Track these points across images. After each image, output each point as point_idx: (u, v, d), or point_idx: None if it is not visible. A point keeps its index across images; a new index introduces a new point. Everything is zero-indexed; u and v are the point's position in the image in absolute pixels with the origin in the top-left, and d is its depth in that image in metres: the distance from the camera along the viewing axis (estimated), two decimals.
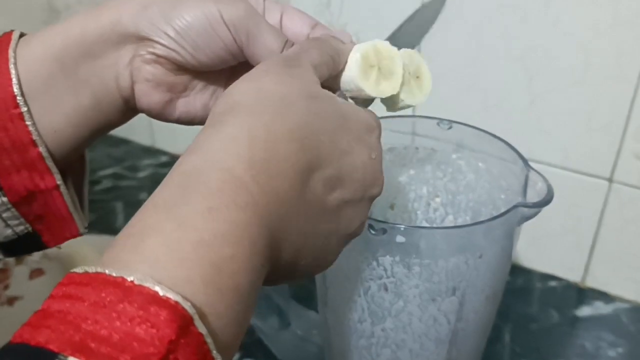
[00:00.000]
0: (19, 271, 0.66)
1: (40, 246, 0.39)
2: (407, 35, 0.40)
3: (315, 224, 0.29)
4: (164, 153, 0.92)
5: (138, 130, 0.94)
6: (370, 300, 0.44)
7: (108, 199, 0.82)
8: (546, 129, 0.62)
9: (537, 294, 0.67)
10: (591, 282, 0.67)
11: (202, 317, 0.22)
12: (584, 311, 0.65)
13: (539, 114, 0.62)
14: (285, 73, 0.30)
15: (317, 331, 0.55)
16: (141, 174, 0.88)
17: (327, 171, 0.29)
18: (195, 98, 0.38)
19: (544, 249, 0.68)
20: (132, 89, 0.36)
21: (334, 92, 0.33)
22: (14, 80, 0.33)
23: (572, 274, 0.68)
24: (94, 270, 0.22)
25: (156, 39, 0.34)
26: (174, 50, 0.34)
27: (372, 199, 0.33)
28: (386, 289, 0.43)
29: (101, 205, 0.80)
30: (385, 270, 0.42)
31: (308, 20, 0.37)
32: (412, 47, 0.40)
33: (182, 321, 0.21)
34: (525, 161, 0.45)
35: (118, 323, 0.21)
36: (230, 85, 0.30)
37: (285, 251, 0.28)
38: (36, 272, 0.67)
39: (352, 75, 0.34)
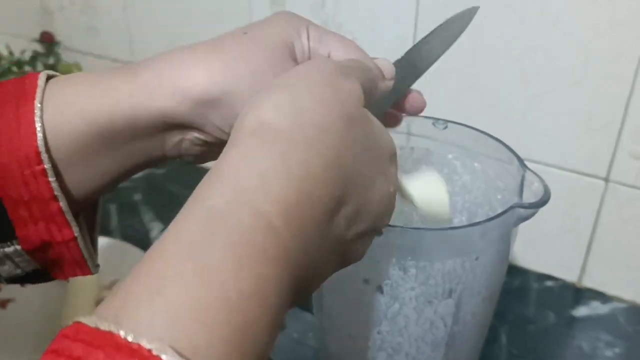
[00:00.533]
0: None
1: (47, 279, 0.37)
2: (431, 48, 0.39)
3: (328, 258, 0.28)
4: None
5: None
6: (366, 303, 0.43)
7: None
8: (543, 129, 0.62)
9: (534, 294, 0.66)
10: (588, 282, 0.67)
11: None
12: (581, 311, 0.65)
13: (536, 114, 0.62)
14: (327, 87, 0.28)
15: (312, 334, 0.55)
16: (135, 175, 0.87)
17: (350, 207, 0.28)
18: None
19: (540, 249, 0.68)
20: (178, 157, 0.36)
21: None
22: (40, 135, 0.31)
23: (569, 274, 0.68)
24: (106, 328, 0.20)
25: (205, 129, 0.34)
26: (219, 137, 0.34)
27: (381, 229, 0.32)
28: (382, 292, 0.42)
29: None
30: (380, 272, 0.41)
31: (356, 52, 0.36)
32: (434, 60, 0.41)
33: None
34: (521, 161, 0.45)
35: None
36: (261, 90, 0.28)
37: (301, 291, 0.26)
38: None
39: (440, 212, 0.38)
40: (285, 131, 0.26)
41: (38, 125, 0.31)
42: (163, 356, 0.19)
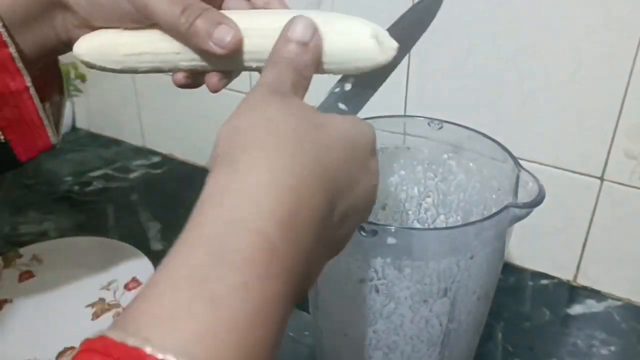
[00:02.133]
0: (8, 274, 0.66)
1: (13, 161, 0.40)
2: (403, 33, 0.39)
3: (320, 256, 0.29)
4: (155, 153, 0.91)
5: (128, 130, 0.93)
6: (362, 303, 0.43)
7: (99, 201, 0.81)
8: (538, 128, 0.62)
9: (529, 293, 0.67)
10: (583, 280, 0.67)
11: None
12: (576, 309, 0.65)
13: (530, 114, 0.62)
14: (281, 102, 0.29)
15: (309, 333, 0.55)
16: (132, 175, 0.87)
17: (342, 207, 0.29)
18: None
19: (535, 247, 0.68)
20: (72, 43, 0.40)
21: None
22: None
23: (564, 272, 0.68)
24: (133, 344, 0.21)
25: (74, 8, 0.38)
26: (89, 18, 0.38)
27: (365, 219, 0.33)
28: (377, 291, 0.42)
29: (92, 206, 0.80)
30: (376, 272, 0.42)
31: None
32: (409, 48, 0.40)
33: None
34: (516, 161, 0.45)
35: None
36: (232, 116, 0.28)
37: (299, 293, 0.27)
38: (25, 275, 0.66)
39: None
40: (268, 142, 0.26)
41: None
42: None
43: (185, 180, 0.84)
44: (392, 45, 0.34)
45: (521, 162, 0.45)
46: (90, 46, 0.39)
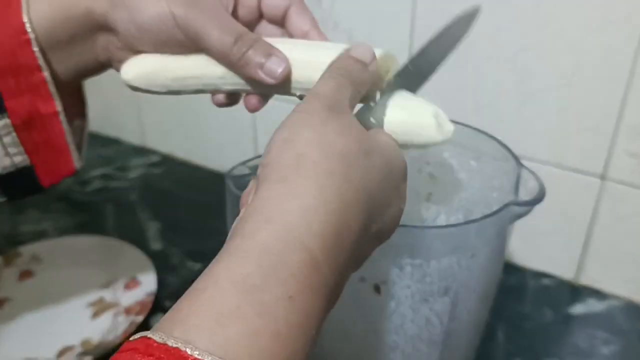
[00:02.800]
0: (8, 273, 0.66)
1: (36, 186, 0.41)
2: (433, 54, 0.39)
3: (351, 271, 0.30)
4: (155, 152, 0.91)
5: (128, 129, 0.93)
6: (362, 302, 0.43)
7: (98, 200, 0.81)
8: (538, 128, 0.62)
9: (531, 292, 0.67)
10: (584, 280, 0.67)
11: None
12: (578, 309, 0.65)
13: (531, 113, 0.62)
14: (339, 123, 0.29)
15: None
16: (131, 174, 0.87)
17: (375, 227, 0.30)
18: None
19: (537, 246, 0.68)
20: (111, 64, 0.40)
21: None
22: (24, 9, 0.37)
23: (565, 272, 0.68)
24: (174, 345, 0.22)
25: (122, 32, 0.38)
26: (136, 45, 0.38)
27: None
28: (378, 290, 0.42)
29: (91, 206, 0.80)
30: (376, 271, 0.42)
31: (310, 19, 0.38)
32: (439, 64, 0.41)
33: None
34: (517, 159, 0.45)
35: None
36: (286, 127, 0.29)
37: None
38: (25, 274, 0.66)
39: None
40: (321, 164, 0.27)
41: (23, 2, 0.37)
42: None
43: (185, 179, 0.84)
44: (450, 128, 0.36)
45: (522, 161, 0.45)
46: (139, 72, 0.39)
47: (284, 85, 0.36)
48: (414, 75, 0.39)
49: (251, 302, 0.23)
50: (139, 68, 0.39)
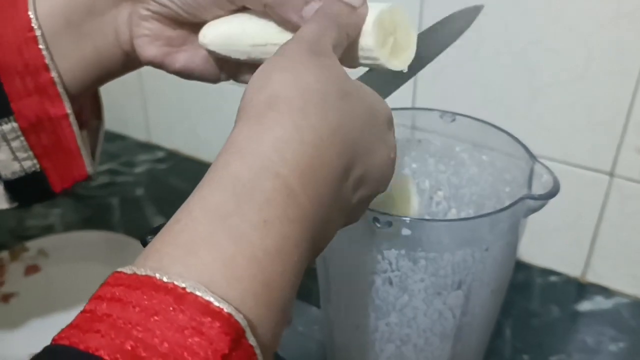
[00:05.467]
0: (14, 268, 0.66)
1: (47, 191, 0.38)
2: (435, 39, 0.39)
3: (335, 220, 0.29)
4: (160, 148, 0.91)
5: (134, 125, 0.93)
6: (375, 295, 0.43)
7: (104, 195, 0.81)
8: (547, 123, 0.62)
9: (538, 289, 0.66)
10: (592, 277, 0.67)
11: (252, 329, 0.22)
12: (585, 306, 0.65)
13: (540, 109, 0.62)
14: (317, 65, 0.29)
15: (318, 327, 0.55)
16: (137, 170, 0.87)
17: (357, 171, 0.29)
18: (195, 53, 0.39)
19: (544, 244, 0.68)
20: (132, 43, 0.37)
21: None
22: (30, 6, 0.35)
23: (573, 269, 0.68)
24: (143, 273, 0.22)
25: None
26: (165, 5, 0.35)
27: (380, 193, 0.33)
28: (391, 283, 0.42)
29: (97, 201, 0.80)
30: (390, 263, 0.41)
31: None
32: (437, 53, 0.40)
33: (235, 334, 0.21)
34: (530, 154, 0.45)
35: (170, 333, 0.20)
36: (262, 70, 0.29)
37: (316, 249, 0.28)
38: (32, 269, 0.66)
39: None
40: (295, 102, 0.27)
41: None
42: (197, 292, 0.21)
43: (190, 175, 0.84)
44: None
45: None
46: (216, 35, 0.37)
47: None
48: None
49: (225, 228, 0.23)
50: (216, 31, 0.37)
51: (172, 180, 0.84)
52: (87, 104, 0.41)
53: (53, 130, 0.37)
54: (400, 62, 0.35)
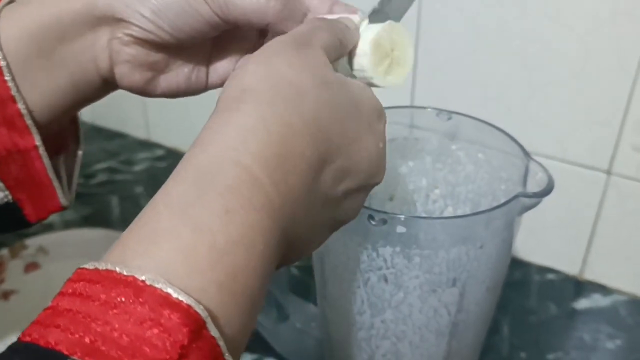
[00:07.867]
0: (14, 265, 0.66)
1: (22, 221, 0.37)
2: (392, 8, 0.38)
3: (318, 215, 0.29)
4: (160, 146, 0.91)
5: (133, 123, 0.93)
6: (370, 292, 0.43)
7: (103, 193, 0.81)
8: (545, 121, 0.62)
9: (535, 287, 0.67)
10: (589, 275, 0.67)
11: (214, 320, 0.22)
12: (582, 304, 0.65)
13: (537, 107, 0.62)
14: (296, 55, 0.29)
15: (315, 324, 0.55)
16: (136, 168, 0.87)
17: (337, 163, 0.29)
18: (178, 73, 0.37)
19: (541, 241, 0.68)
20: (112, 70, 0.35)
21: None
22: None
23: (570, 267, 0.68)
24: (104, 267, 0.21)
25: (132, 20, 0.33)
26: (150, 31, 0.33)
27: (372, 187, 0.33)
28: (386, 280, 0.42)
29: (96, 199, 0.80)
30: (385, 261, 0.42)
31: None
32: (405, 10, 0.39)
33: (195, 325, 0.21)
34: (525, 151, 0.45)
35: (129, 325, 0.20)
36: (239, 66, 0.29)
37: (292, 246, 0.28)
38: (31, 266, 0.66)
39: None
40: (264, 94, 0.27)
41: None
42: (157, 284, 0.21)
43: None
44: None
45: None
46: None
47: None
48: (383, 15, 0.37)
49: (185, 218, 0.23)
50: None
51: None
52: (67, 127, 0.39)
53: (23, 162, 0.35)
54: (395, 78, 0.35)
